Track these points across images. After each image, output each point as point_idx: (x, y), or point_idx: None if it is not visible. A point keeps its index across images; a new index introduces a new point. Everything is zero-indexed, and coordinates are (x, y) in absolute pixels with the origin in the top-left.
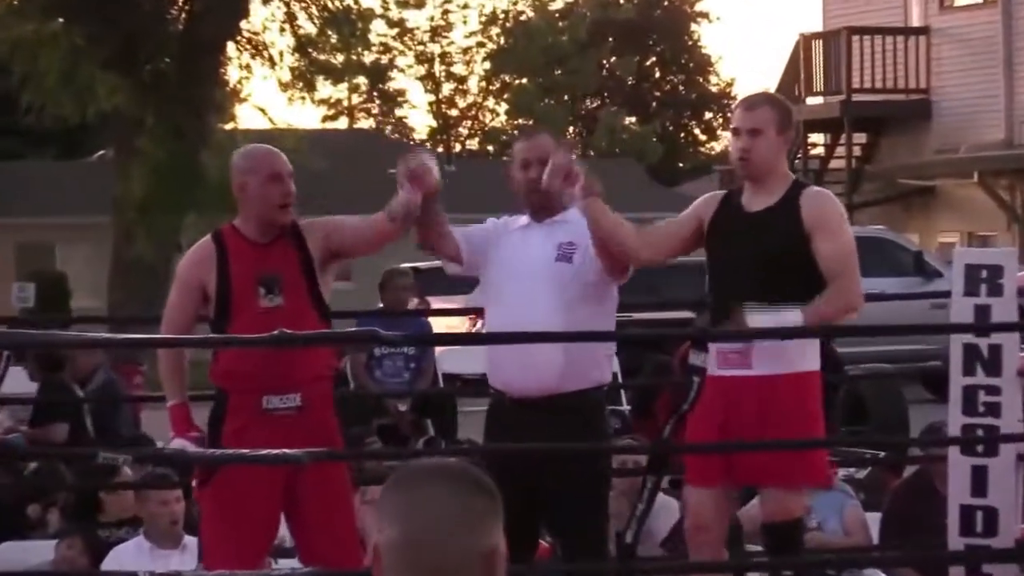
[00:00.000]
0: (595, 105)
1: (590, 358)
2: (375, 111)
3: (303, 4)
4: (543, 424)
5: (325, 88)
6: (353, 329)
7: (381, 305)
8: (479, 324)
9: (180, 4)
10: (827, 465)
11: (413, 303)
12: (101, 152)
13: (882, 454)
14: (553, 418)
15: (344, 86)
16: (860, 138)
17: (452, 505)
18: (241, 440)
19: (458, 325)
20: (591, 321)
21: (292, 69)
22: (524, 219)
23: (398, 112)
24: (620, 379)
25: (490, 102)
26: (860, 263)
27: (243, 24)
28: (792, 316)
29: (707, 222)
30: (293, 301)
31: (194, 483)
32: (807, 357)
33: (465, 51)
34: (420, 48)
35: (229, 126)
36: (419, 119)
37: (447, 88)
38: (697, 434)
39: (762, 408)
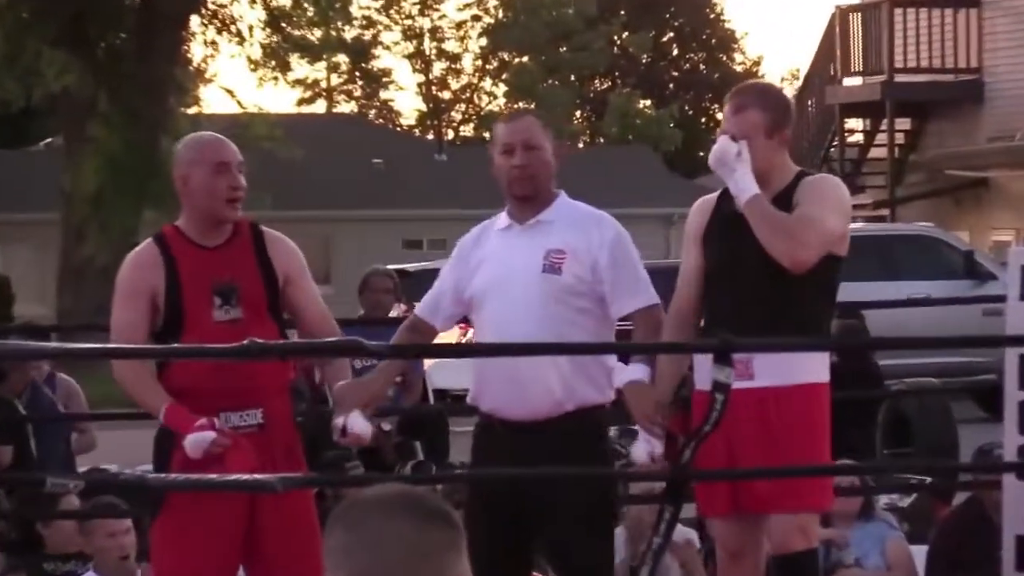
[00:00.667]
0: (605, 87)
1: (586, 376)
2: (357, 93)
3: None
4: (537, 449)
5: (301, 67)
6: (333, 339)
7: (362, 312)
8: (471, 333)
9: None
10: (829, 488)
11: (400, 309)
12: (48, 140)
13: (929, 480)
14: (548, 442)
15: (322, 65)
16: (904, 124)
17: (405, 539)
18: (200, 463)
19: (450, 335)
20: (584, 340)
21: (263, 46)
22: (503, 220)
23: (383, 95)
24: None
25: (487, 83)
26: (904, 263)
27: None
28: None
29: (703, 230)
30: (251, 313)
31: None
32: (814, 368)
33: (459, 26)
34: (408, 22)
35: (192, 110)
36: (406, 102)
37: (438, 67)
38: (701, 458)
39: (764, 424)
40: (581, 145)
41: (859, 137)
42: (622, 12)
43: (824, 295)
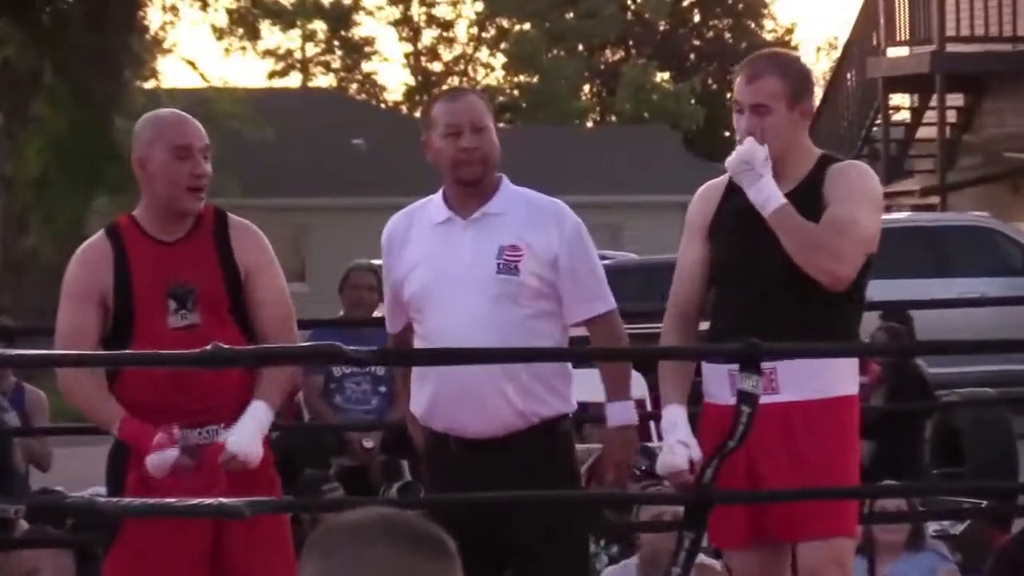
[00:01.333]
0: (617, 57)
1: (548, 386)
2: (336, 65)
3: None
4: (501, 468)
5: (272, 36)
6: (308, 344)
7: (341, 312)
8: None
9: None
10: (856, 513)
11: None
12: None
13: (984, 503)
14: (513, 460)
15: (296, 33)
16: (956, 100)
17: (389, 568)
18: (152, 489)
19: None
20: (547, 345)
21: (230, 12)
22: (440, 210)
23: (365, 66)
24: (649, 407)
25: (483, 54)
26: (956, 257)
27: None
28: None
29: (708, 222)
30: (211, 318)
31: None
32: (844, 379)
33: None
34: None
35: (150, 84)
36: (392, 75)
37: (428, 36)
38: (722, 482)
39: (790, 442)
40: (590, 124)
41: (905, 115)
42: None
43: (851, 297)
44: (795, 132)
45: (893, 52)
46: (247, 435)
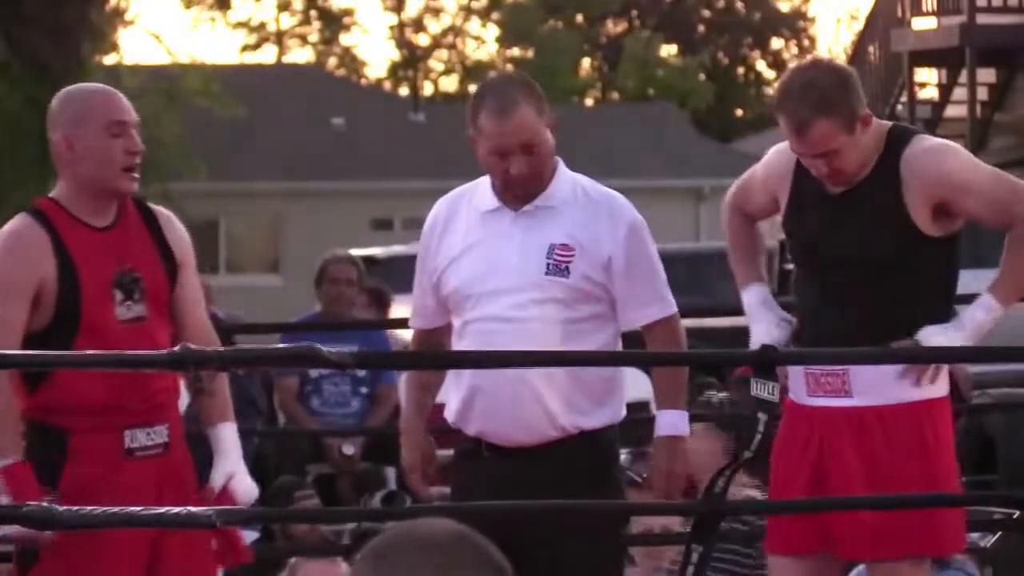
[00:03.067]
0: (620, 29)
1: (591, 393)
2: (313, 38)
3: None
4: (534, 479)
5: (244, 6)
6: (284, 346)
7: (319, 308)
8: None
9: None
10: (961, 524)
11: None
12: None
13: (1017, 514)
14: (547, 471)
15: (271, 3)
16: (987, 75)
17: None
18: (95, 496)
19: None
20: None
21: None
22: (487, 198)
23: (345, 40)
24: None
25: (473, 26)
26: (988, 247)
27: None
28: (981, 312)
29: (786, 193)
30: (154, 311)
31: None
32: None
33: None
34: None
35: (110, 59)
36: (375, 49)
37: (414, 6)
38: (784, 485)
39: (867, 452)
40: (591, 101)
41: (933, 92)
42: None
43: (935, 288)
44: (865, 140)
45: (919, 24)
46: (246, 474)
